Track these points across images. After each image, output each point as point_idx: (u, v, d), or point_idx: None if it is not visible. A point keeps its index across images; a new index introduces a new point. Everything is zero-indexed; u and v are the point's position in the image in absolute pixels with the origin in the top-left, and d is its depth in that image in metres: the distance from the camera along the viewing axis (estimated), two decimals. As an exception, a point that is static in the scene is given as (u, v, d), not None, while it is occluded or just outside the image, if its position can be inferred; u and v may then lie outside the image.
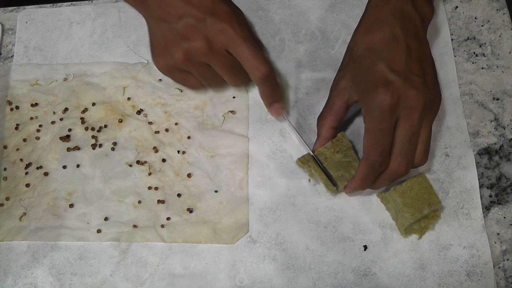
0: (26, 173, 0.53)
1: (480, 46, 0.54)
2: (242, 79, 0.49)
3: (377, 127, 0.42)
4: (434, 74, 0.45)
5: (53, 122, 0.55)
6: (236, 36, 0.44)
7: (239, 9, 0.48)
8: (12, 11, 0.61)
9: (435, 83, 0.44)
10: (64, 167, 0.53)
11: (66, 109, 0.55)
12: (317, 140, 0.49)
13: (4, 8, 0.61)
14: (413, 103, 0.42)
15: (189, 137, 0.53)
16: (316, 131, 0.49)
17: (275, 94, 0.49)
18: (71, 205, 0.52)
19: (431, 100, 0.43)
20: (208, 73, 0.48)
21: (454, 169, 0.50)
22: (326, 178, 0.48)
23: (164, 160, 0.53)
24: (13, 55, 0.59)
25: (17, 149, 0.54)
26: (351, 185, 0.46)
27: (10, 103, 0.56)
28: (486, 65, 0.54)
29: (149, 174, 0.52)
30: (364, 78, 0.44)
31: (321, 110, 0.49)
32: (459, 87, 0.53)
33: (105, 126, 0.54)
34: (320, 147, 0.48)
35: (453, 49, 0.54)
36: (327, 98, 0.49)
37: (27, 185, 0.53)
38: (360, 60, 0.45)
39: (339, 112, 0.47)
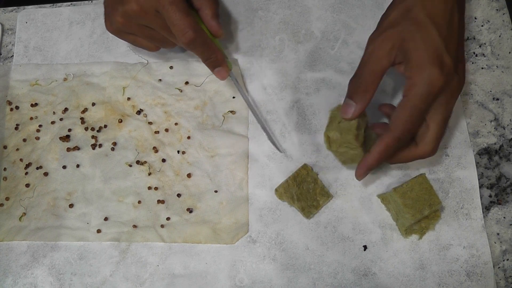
0: (26, 173, 0.53)
1: (480, 46, 0.54)
2: None
3: (418, 105, 0.41)
4: (465, 60, 0.46)
5: (53, 122, 0.55)
6: (163, 0, 0.45)
7: None
8: (12, 11, 0.61)
9: (465, 69, 0.45)
10: (64, 167, 0.53)
11: (66, 109, 0.55)
12: (358, 106, 0.43)
13: (4, 8, 0.61)
14: (454, 90, 0.42)
15: (189, 137, 0.53)
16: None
17: (214, 57, 0.49)
18: (71, 205, 0.52)
19: (461, 88, 0.44)
20: (153, 34, 0.49)
21: (454, 169, 0.50)
22: (302, 206, 0.49)
23: (164, 160, 0.53)
24: (13, 55, 0.59)
25: (17, 149, 0.54)
26: (366, 162, 0.43)
27: (10, 103, 0.56)
28: (486, 65, 0.54)
29: (149, 174, 0.52)
30: (419, 47, 0.41)
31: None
32: (459, 87, 0.53)
33: (105, 126, 0.54)
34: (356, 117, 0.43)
35: (453, 49, 0.54)
36: (363, 58, 0.43)
37: (27, 185, 0.53)
38: (418, 25, 0.42)
39: (382, 74, 0.43)
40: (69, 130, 0.54)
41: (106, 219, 0.51)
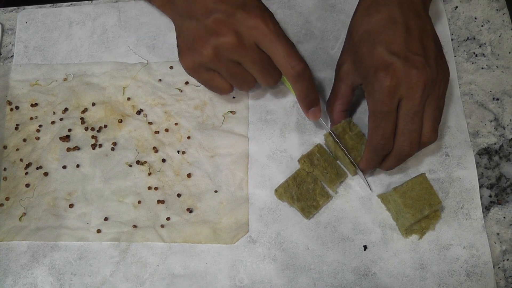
0: (26, 173, 0.53)
1: (480, 46, 0.54)
2: (274, 77, 0.46)
3: (378, 110, 0.43)
4: (437, 50, 0.44)
5: (53, 122, 0.55)
6: (268, 32, 0.42)
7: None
8: (12, 11, 0.61)
9: (439, 59, 0.44)
10: (64, 167, 0.53)
11: (66, 109, 0.55)
12: (331, 125, 0.50)
13: (4, 8, 0.61)
14: (414, 82, 0.42)
15: (189, 137, 0.53)
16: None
17: (312, 96, 0.47)
18: (71, 205, 0.52)
19: (434, 77, 0.43)
20: (238, 72, 0.45)
21: (454, 169, 0.50)
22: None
23: (164, 160, 0.52)
24: (13, 55, 0.59)
25: (17, 149, 0.54)
26: (360, 166, 0.47)
27: (10, 103, 0.56)
28: (486, 65, 0.54)
29: (149, 174, 0.52)
30: (365, 62, 0.44)
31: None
32: (459, 87, 0.53)
33: (105, 126, 0.54)
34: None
35: (453, 49, 0.54)
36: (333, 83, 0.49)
37: (27, 185, 0.53)
38: (359, 44, 0.45)
39: (346, 96, 0.48)
40: (69, 130, 0.54)
41: (106, 219, 0.51)
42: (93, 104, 0.55)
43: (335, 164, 0.49)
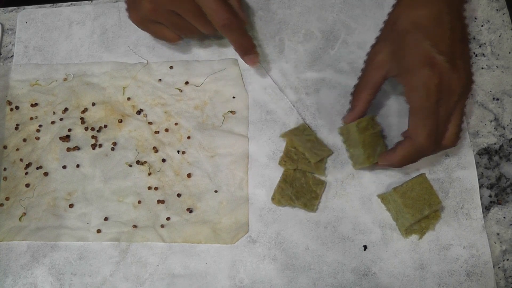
0: (26, 173, 0.53)
1: (480, 46, 0.54)
2: (212, 26, 0.49)
3: (424, 105, 0.42)
4: (470, 58, 0.44)
5: (53, 122, 0.55)
6: None
7: None
8: (12, 11, 0.61)
9: (471, 67, 0.44)
10: (64, 167, 0.53)
11: (66, 109, 0.55)
12: (351, 113, 0.48)
13: (4, 8, 0.61)
14: (453, 87, 0.42)
15: (189, 137, 0.53)
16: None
17: (246, 43, 0.50)
18: (71, 205, 0.52)
19: (468, 84, 0.43)
20: (179, 22, 0.49)
21: (454, 169, 0.50)
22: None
23: (164, 160, 0.53)
24: (13, 55, 0.59)
25: (17, 149, 0.54)
26: (388, 158, 0.46)
27: (10, 103, 0.56)
28: (486, 65, 0.54)
29: (149, 174, 0.52)
30: (408, 54, 0.43)
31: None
32: (459, 87, 0.53)
33: (105, 126, 0.54)
34: (352, 121, 0.47)
35: (453, 49, 0.54)
36: (361, 71, 0.47)
37: (27, 185, 0.53)
38: (403, 34, 0.43)
39: (376, 86, 0.46)
40: (69, 130, 0.54)
41: (106, 219, 0.51)
42: (93, 104, 0.55)
43: (310, 148, 0.49)
